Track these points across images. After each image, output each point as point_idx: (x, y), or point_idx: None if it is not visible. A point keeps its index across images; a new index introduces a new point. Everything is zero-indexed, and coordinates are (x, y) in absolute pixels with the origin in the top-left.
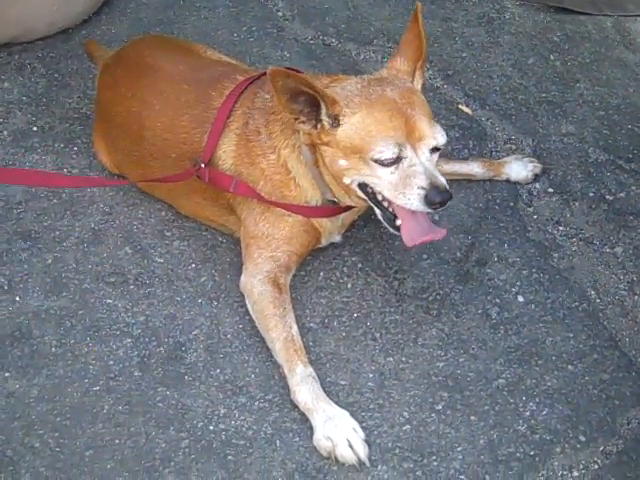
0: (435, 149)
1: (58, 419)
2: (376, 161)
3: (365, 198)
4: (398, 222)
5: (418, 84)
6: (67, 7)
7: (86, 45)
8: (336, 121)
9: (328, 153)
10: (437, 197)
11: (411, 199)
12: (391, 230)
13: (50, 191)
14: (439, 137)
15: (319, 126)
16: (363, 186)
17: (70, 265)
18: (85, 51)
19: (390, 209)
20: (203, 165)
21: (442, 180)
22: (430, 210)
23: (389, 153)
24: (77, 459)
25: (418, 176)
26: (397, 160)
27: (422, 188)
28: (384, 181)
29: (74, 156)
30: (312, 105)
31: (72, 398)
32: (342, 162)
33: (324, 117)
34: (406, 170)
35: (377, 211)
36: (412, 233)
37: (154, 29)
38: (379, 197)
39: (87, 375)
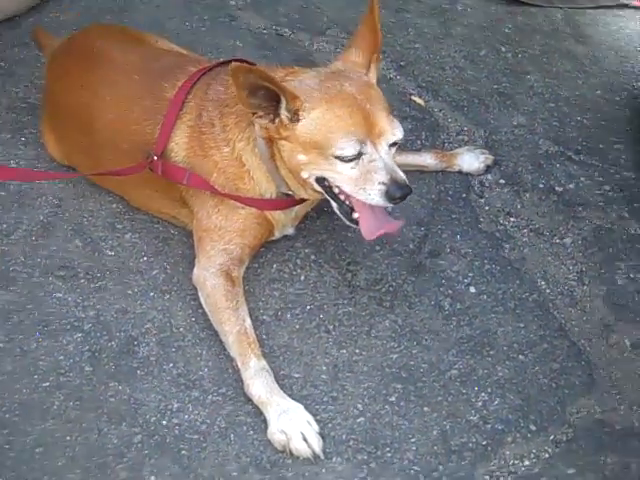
0: (393, 144)
1: (7, 415)
2: (337, 157)
3: (322, 191)
4: (355, 215)
5: (373, 77)
6: None
7: (33, 33)
8: (295, 116)
9: (286, 148)
10: (397, 192)
11: (372, 194)
12: (347, 223)
13: None
14: (397, 132)
15: (277, 120)
16: (320, 180)
17: (18, 259)
18: (33, 39)
19: (347, 202)
20: (155, 157)
21: (402, 175)
22: (391, 205)
23: (350, 150)
24: (27, 456)
25: (379, 171)
26: (358, 156)
27: (383, 183)
28: (344, 176)
29: (21, 147)
30: (271, 99)
31: (21, 394)
32: (301, 157)
33: (283, 112)
34: (366, 165)
35: (333, 204)
36: (371, 226)
37: (104, 17)
38: (336, 190)
39: (36, 371)
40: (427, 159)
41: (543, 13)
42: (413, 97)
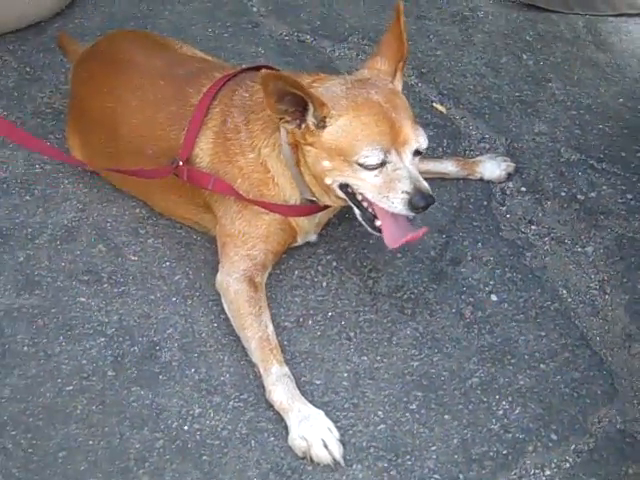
0: (417, 152)
1: (31, 419)
2: (361, 165)
3: (345, 198)
4: (378, 223)
5: (399, 85)
6: (39, 0)
7: (58, 38)
8: (322, 122)
9: (311, 153)
10: (421, 201)
11: (395, 203)
12: (370, 230)
13: (22, 187)
14: (422, 141)
15: (303, 126)
16: (344, 186)
17: (43, 263)
18: (57, 45)
19: (370, 209)
20: (181, 163)
21: (425, 184)
22: (413, 214)
23: (374, 158)
24: (50, 460)
25: (402, 180)
26: (381, 164)
27: (406, 192)
28: (367, 184)
29: None
30: (298, 105)
31: (45, 398)
32: (325, 163)
33: (310, 118)
34: (390, 174)
35: (356, 211)
36: (394, 234)
37: (127, 23)
38: (359, 197)
39: (60, 375)
40: (448, 166)
41: (564, 20)
42: (434, 104)
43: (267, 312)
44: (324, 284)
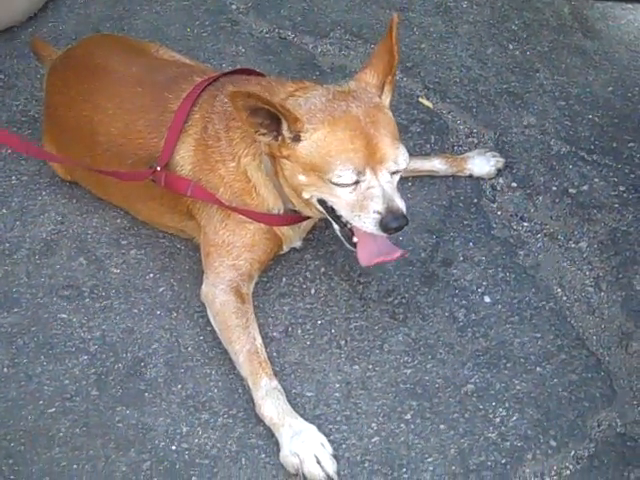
0: (396, 172)
1: (12, 444)
2: (334, 183)
3: (324, 212)
4: (355, 239)
5: (386, 99)
6: (10, 4)
7: (32, 43)
8: (297, 136)
9: (287, 167)
10: (393, 223)
11: (366, 222)
12: (347, 246)
13: None
14: (401, 160)
15: (279, 138)
16: (322, 202)
17: (21, 279)
18: (31, 50)
19: (349, 226)
20: (159, 168)
21: (399, 205)
22: (385, 234)
23: (347, 178)
24: None
25: (375, 199)
26: (355, 182)
27: (378, 212)
28: (342, 200)
29: (23, 162)
30: (272, 117)
31: (26, 421)
32: (301, 177)
33: (285, 132)
34: (364, 192)
35: (335, 226)
36: (368, 253)
37: (103, 25)
38: (338, 213)
39: (42, 396)
40: (437, 164)
41: (550, 8)
42: (420, 99)
43: (255, 324)
44: (312, 291)
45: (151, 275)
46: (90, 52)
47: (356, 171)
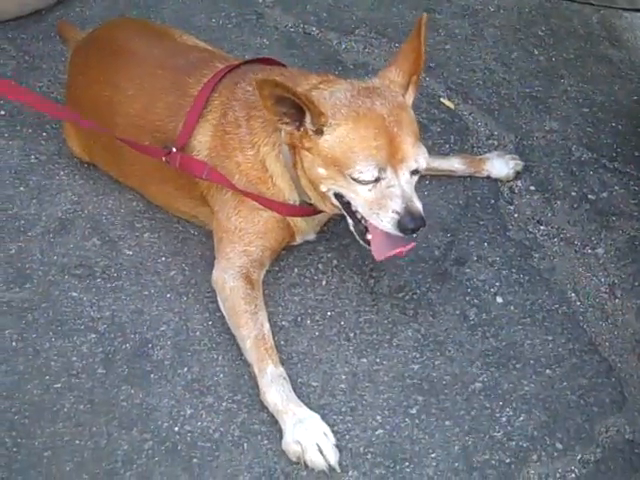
0: (416, 171)
1: (16, 417)
2: (355, 179)
3: (340, 207)
4: (369, 236)
5: (410, 99)
6: None
7: (58, 26)
8: (320, 130)
9: (308, 158)
10: (410, 224)
11: (384, 221)
12: (360, 242)
13: (17, 178)
14: (421, 160)
15: (302, 129)
16: (339, 196)
17: (35, 256)
18: (57, 33)
19: (363, 221)
20: (174, 150)
21: (418, 206)
22: (402, 235)
23: (368, 175)
24: (35, 460)
25: (394, 199)
26: (376, 180)
27: (396, 212)
28: (360, 197)
29: (42, 142)
30: (296, 107)
31: (32, 395)
32: (321, 170)
33: (308, 123)
34: (383, 191)
35: (350, 221)
36: (381, 246)
37: (130, 12)
38: (354, 208)
39: (48, 372)
40: (455, 164)
41: (578, 16)
42: (442, 99)
43: (263, 310)
44: (324, 283)
45: (163, 259)
46: (113, 34)
47: (378, 168)
